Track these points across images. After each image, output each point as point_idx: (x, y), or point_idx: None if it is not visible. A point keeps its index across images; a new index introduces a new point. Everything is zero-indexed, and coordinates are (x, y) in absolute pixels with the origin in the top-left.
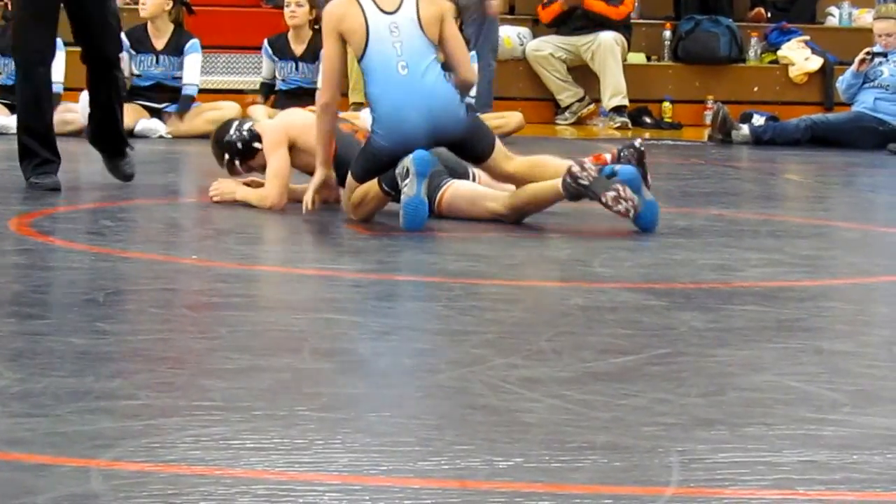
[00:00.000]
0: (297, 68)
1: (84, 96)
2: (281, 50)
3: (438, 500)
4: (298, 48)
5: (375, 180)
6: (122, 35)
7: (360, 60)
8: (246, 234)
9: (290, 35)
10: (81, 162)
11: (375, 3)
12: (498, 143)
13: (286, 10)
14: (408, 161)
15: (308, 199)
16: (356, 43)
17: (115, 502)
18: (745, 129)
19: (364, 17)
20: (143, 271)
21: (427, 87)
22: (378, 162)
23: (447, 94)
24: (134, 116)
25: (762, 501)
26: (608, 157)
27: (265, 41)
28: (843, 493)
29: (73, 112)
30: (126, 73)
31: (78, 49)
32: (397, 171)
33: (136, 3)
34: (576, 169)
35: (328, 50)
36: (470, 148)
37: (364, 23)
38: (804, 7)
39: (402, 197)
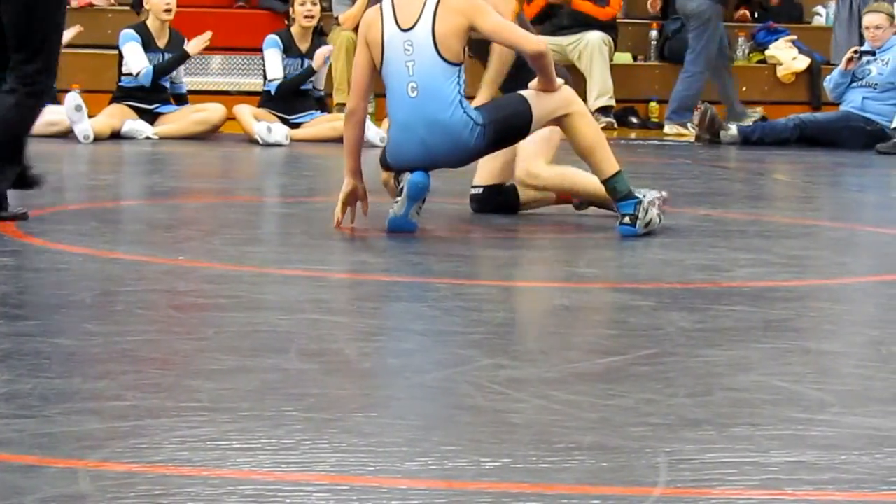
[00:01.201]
0: (302, 65)
1: (70, 98)
2: (288, 47)
3: (426, 501)
4: (304, 45)
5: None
6: (133, 31)
7: (380, 73)
8: (232, 234)
9: (296, 32)
10: (67, 163)
11: (395, 17)
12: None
13: (301, 10)
14: (405, 180)
15: (336, 210)
16: (375, 56)
17: (102, 503)
18: (733, 129)
19: (382, 32)
20: (130, 272)
21: (431, 115)
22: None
23: (455, 125)
24: (121, 117)
25: (750, 502)
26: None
27: (274, 36)
28: (830, 494)
29: (58, 113)
30: (135, 71)
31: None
32: (400, 179)
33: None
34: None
35: (358, 57)
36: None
37: (381, 38)
38: (791, 6)
39: (390, 212)
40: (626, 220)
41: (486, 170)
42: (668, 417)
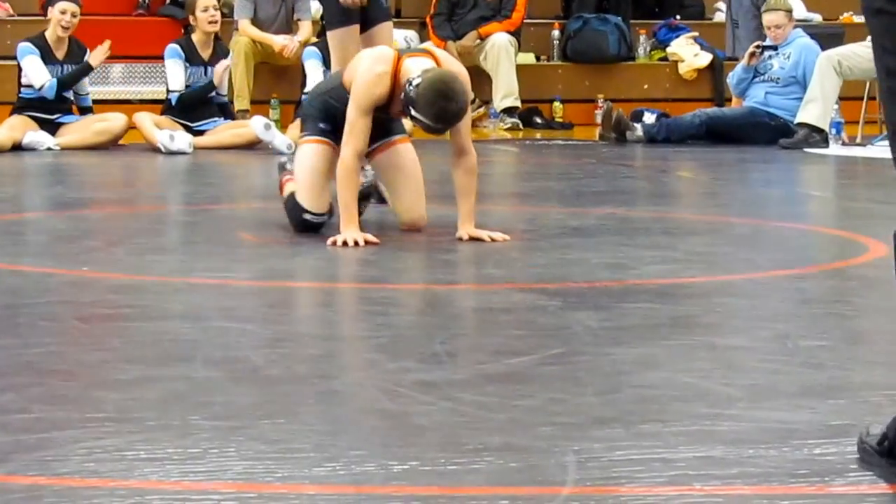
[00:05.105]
0: (206, 73)
1: None
2: (190, 55)
3: None
4: (206, 53)
5: None
6: (30, 44)
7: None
8: (136, 244)
9: (198, 40)
10: None
11: None
12: None
13: (204, 15)
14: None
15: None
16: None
17: None
18: (639, 129)
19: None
20: (34, 284)
21: None
22: None
23: None
24: (22, 129)
25: (658, 498)
26: None
27: (175, 46)
28: (739, 488)
29: None
30: (37, 84)
31: None
32: None
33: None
34: None
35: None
36: None
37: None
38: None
39: None
40: None
41: None
42: (576, 416)
